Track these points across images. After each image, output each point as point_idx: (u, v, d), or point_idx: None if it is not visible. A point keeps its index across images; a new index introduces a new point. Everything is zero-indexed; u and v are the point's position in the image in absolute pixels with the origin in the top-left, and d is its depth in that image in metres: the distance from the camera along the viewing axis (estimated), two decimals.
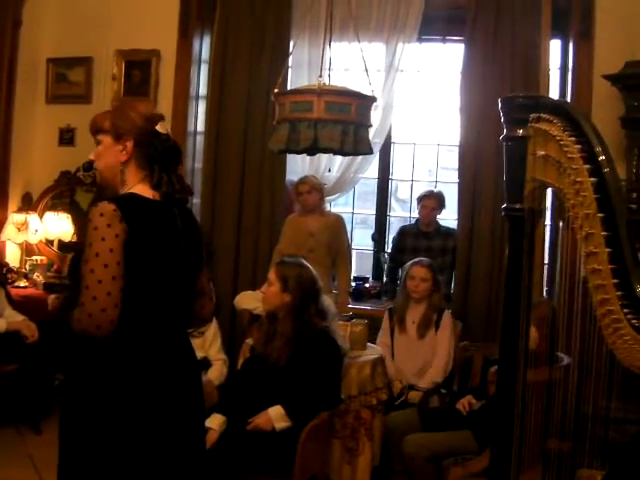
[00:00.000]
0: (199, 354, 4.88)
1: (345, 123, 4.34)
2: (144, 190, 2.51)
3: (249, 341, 4.74)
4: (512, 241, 2.64)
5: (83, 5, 6.72)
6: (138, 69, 6.57)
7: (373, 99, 4.59)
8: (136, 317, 2.43)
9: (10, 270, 6.33)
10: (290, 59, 5.89)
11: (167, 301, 2.52)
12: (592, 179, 2.29)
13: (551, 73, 5.88)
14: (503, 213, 2.65)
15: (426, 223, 6.01)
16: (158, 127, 2.53)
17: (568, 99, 5.69)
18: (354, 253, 6.56)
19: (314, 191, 5.75)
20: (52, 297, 5.59)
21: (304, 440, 3.80)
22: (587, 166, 2.31)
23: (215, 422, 3.94)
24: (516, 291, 2.62)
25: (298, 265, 4.23)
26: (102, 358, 2.42)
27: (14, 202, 6.70)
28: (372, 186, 6.86)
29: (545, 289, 5.83)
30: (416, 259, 5.34)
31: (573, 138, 2.38)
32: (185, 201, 2.63)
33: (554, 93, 5.91)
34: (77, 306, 2.35)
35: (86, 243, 2.38)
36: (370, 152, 4.79)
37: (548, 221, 5.71)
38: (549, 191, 2.75)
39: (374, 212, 6.82)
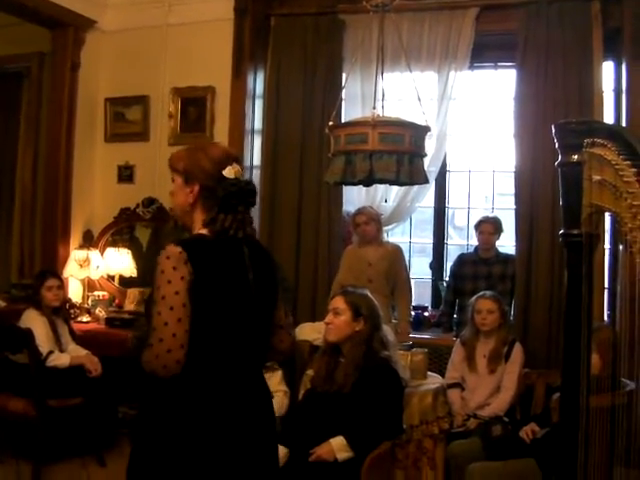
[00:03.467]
0: None
1: (400, 153, 4.35)
2: (210, 231, 2.56)
3: (310, 372, 4.75)
4: (571, 267, 2.63)
5: (138, 45, 6.91)
6: (194, 106, 6.69)
7: (427, 129, 4.61)
8: (205, 356, 2.45)
9: (73, 306, 6.46)
10: (343, 92, 5.94)
11: (236, 339, 2.52)
12: None
13: (605, 95, 5.84)
14: (561, 239, 2.65)
15: (485, 249, 5.97)
16: (226, 171, 2.55)
17: (623, 122, 5.64)
18: (412, 282, 6.55)
19: (372, 222, 5.77)
20: (130, 336, 5.71)
21: (366, 470, 3.78)
22: None
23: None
24: (576, 317, 2.61)
25: (365, 294, 4.25)
26: (172, 397, 2.46)
27: (76, 239, 6.86)
28: (428, 214, 6.85)
29: (606, 313, 5.75)
30: (480, 292, 5.32)
31: (628, 162, 2.38)
32: (246, 238, 2.59)
33: (609, 116, 5.86)
34: (146, 347, 2.40)
35: (154, 286, 2.43)
36: (426, 181, 4.80)
37: (607, 245, 5.65)
38: (607, 215, 2.73)
39: (431, 240, 6.81)
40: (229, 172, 2.56)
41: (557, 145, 2.66)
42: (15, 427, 5.45)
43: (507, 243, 6.20)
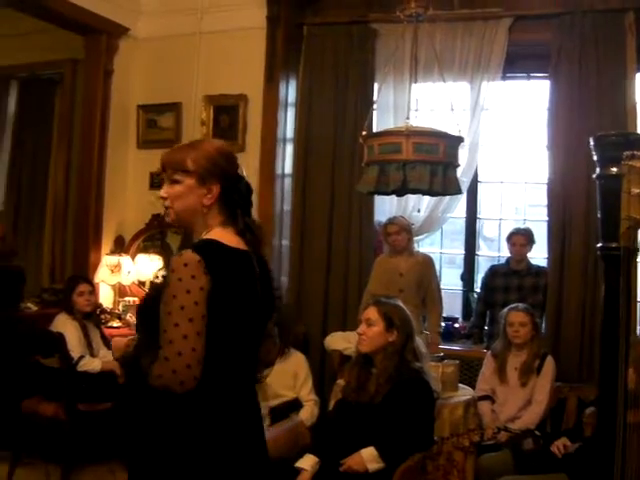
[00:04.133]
0: (290, 395, 4.98)
1: (434, 164, 4.35)
2: (224, 235, 2.41)
3: (340, 382, 4.75)
4: (608, 280, 2.61)
5: (171, 53, 6.94)
6: (226, 113, 6.71)
7: (461, 139, 4.60)
8: (217, 370, 2.32)
9: (104, 311, 6.49)
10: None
11: (245, 352, 2.43)
12: None
13: (639, 107, 5.80)
14: (598, 252, 2.63)
15: (517, 260, 5.93)
16: (241, 170, 2.50)
17: None
18: (442, 293, 6.53)
19: (403, 232, 5.76)
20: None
21: None
22: None
23: (308, 463, 3.92)
24: (613, 331, 2.58)
25: (398, 304, 4.23)
26: (180, 413, 2.31)
27: (107, 245, 6.90)
28: (458, 225, 6.83)
29: None
30: (512, 305, 5.29)
31: None
32: (259, 246, 2.50)
33: None
34: (156, 360, 2.24)
35: (168, 294, 2.27)
36: (459, 192, 4.78)
37: None
38: None
39: (460, 251, 6.79)
40: (242, 171, 2.51)
41: (595, 157, 2.64)
42: (45, 430, 5.49)
43: (538, 255, 6.16)
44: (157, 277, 6.29)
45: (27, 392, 5.41)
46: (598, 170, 2.64)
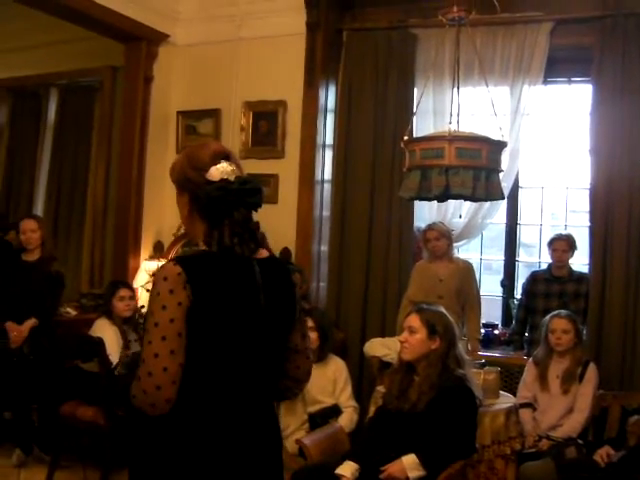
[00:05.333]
0: (329, 401, 4.96)
1: (476, 169, 4.32)
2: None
3: (380, 388, 4.73)
4: None
5: (211, 59, 6.98)
6: (265, 120, 6.72)
7: (504, 144, 4.57)
8: (202, 393, 2.18)
9: (142, 316, 6.50)
10: (415, 106, 5.91)
11: (241, 372, 2.24)
12: None
13: None
14: None
15: (558, 267, 5.87)
16: (209, 174, 2.25)
17: None
18: (483, 299, 6.49)
19: (442, 238, 5.74)
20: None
21: None
22: None
23: (348, 470, 3.91)
24: None
25: (440, 311, 4.20)
26: (162, 437, 2.19)
27: (146, 250, 6.94)
28: (495, 231, 6.77)
29: None
30: (555, 312, 5.24)
31: None
32: (245, 255, 2.26)
33: None
34: (134, 380, 2.14)
35: (147, 309, 2.18)
36: (502, 197, 4.75)
37: None
38: None
39: (499, 257, 6.74)
40: (213, 174, 2.25)
41: None
42: (83, 434, 5.53)
43: (579, 261, 6.09)
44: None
45: (66, 396, 5.46)
46: None
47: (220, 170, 2.24)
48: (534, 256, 6.75)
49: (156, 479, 2.20)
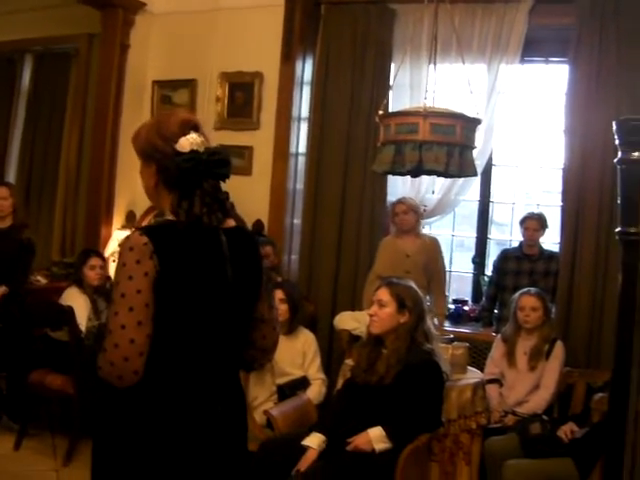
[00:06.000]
0: (298, 373, 4.98)
1: (450, 145, 4.31)
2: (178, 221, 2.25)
3: (349, 362, 4.75)
4: (626, 265, 2.59)
5: (188, 29, 6.91)
6: (241, 91, 6.67)
7: (478, 121, 4.57)
8: (170, 363, 2.18)
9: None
10: (391, 81, 5.91)
11: (208, 342, 2.25)
12: None
13: None
14: (617, 237, 2.60)
15: (529, 245, 5.91)
16: (179, 145, 2.23)
17: None
18: (454, 276, 6.52)
19: (411, 212, 5.76)
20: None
21: (403, 462, 3.78)
22: None
23: (314, 441, 3.94)
24: (630, 316, 2.57)
25: (410, 285, 4.23)
26: (131, 408, 2.18)
27: (118, 219, 6.90)
28: (468, 209, 6.80)
29: None
30: (524, 289, 5.28)
31: None
32: (212, 225, 2.26)
33: None
34: (100, 351, 2.12)
35: (114, 280, 2.17)
36: (475, 174, 4.76)
37: None
38: None
39: (471, 234, 6.78)
40: (183, 145, 2.23)
41: (617, 142, 2.61)
42: (52, 403, 5.52)
43: (551, 240, 6.13)
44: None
45: (35, 364, 5.44)
46: (620, 154, 2.61)
47: (190, 141, 2.23)
48: (506, 234, 6.78)
49: (121, 450, 2.20)
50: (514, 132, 6.58)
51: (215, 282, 2.25)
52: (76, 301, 5.43)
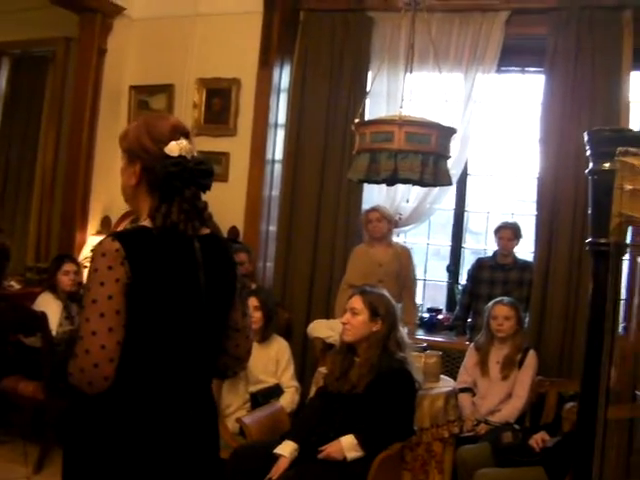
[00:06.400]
0: (272, 381, 4.97)
1: (425, 154, 4.33)
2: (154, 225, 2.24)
3: (322, 369, 4.74)
4: (596, 276, 2.61)
5: (166, 34, 6.88)
6: (218, 97, 6.65)
7: (453, 130, 4.58)
8: (140, 370, 2.18)
9: None
10: (368, 89, 5.92)
11: (180, 350, 2.24)
12: None
13: (632, 105, 5.79)
14: (587, 248, 2.62)
15: (503, 254, 5.93)
16: (168, 148, 2.23)
17: None
18: (428, 284, 6.54)
19: (384, 220, 5.77)
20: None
21: (375, 471, 3.78)
22: None
23: (286, 449, 3.93)
24: (599, 327, 2.59)
25: (382, 294, 4.23)
26: (100, 416, 2.17)
27: (93, 225, 6.85)
28: (443, 217, 6.82)
29: (622, 325, 5.69)
30: (498, 299, 5.30)
31: None
32: (188, 233, 2.25)
33: (635, 125, 5.79)
34: (71, 357, 2.11)
35: (85, 286, 2.15)
36: (449, 183, 4.77)
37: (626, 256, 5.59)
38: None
39: (445, 243, 6.79)
40: (172, 149, 2.23)
41: (589, 152, 2.63)
42: (24, 409, 5.48)
43: (525, 250, 6.16)
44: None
45: (7, 371, 5.40)
46: (591, 165, 2.63)
47: (180, 146, 2.23)
48: (481, 243, 6.80)
49: (91, 458, 2.18)
50: (490, 141, 6.60)
51: (187, 289, 2.25)
52: (50, 307, 5.40)
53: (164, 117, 2.40)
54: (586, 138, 2.65)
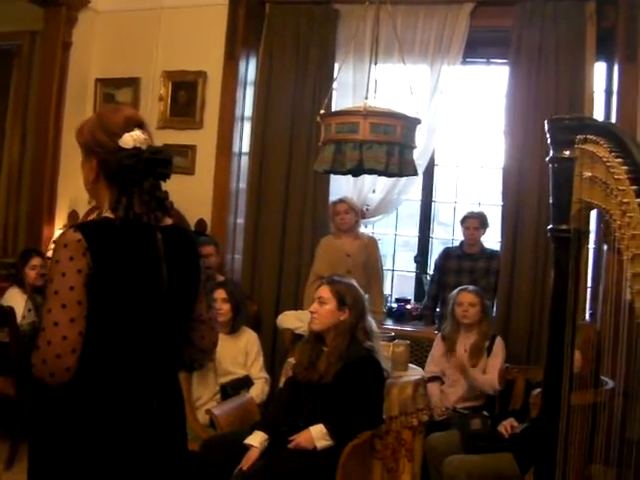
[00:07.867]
0: (241, 372, 4.98)
1: (390, 144, 4.34)
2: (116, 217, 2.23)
3: (291, 360, 4.76)
4: (557, 262, 2.64)
5: (131, 27, 6.86)
6: (184, 90, 6.64)
7: (418, 121, 4.60)
8: (103, 362, 2.16)
9: None
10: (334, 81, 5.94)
11: (143, 340, 2.23)
12: (639, 200, 2.30)
13: (596, 96, 5.86)
14: (549, 234, 2.65)
15: (470, 244, 5.98)
16: (122, 141, 2.21)
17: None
18: (397, 275, 6.57)
19: (351, 212, 5.81)
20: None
21: (345, 459, 3.80)
22: (634, 187, 2.31)
23: (256, 439, 3.95)
24: (561, 313, 2.62)
25: (350, 283, 4.26)
26: (64, 407, 2.15)
27: (60, 219, 6.80)
28: (412, 208, 6.86)
29: (588, 312, 5.77)
30: (462, 286, 5.35)
31: (620, 159, 2.39)
32: (152, 224, 2.25)
33: (598, 116, 5.86)
34: (33, 349, 2.10)
35: (47, 277, 2.17)
36: (415, 173, 4.79)
37: (591, 243, 5.66)
38: (593, 212, 2.72)
39: (414, 234, 6.82)
40: (126, 141, 2.21)
41: (549, 140, 2.66)
42: None
43: (492, 239, 6.21)
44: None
45: None
46: (552, 153, 2.66)
47: (134, 138, 2.21)
48: (450, 234, 6.84)
49: (56, 451, 2.17)
50: (456, 132, 6.65)
51: (149, 280, 2.24)
52: (17, 302, 5.36)
53: (117, 109, 2.36)
54: (547, 126, 2.68)
